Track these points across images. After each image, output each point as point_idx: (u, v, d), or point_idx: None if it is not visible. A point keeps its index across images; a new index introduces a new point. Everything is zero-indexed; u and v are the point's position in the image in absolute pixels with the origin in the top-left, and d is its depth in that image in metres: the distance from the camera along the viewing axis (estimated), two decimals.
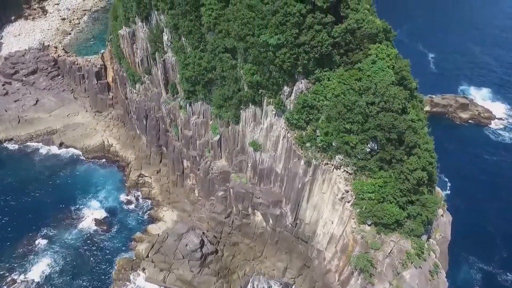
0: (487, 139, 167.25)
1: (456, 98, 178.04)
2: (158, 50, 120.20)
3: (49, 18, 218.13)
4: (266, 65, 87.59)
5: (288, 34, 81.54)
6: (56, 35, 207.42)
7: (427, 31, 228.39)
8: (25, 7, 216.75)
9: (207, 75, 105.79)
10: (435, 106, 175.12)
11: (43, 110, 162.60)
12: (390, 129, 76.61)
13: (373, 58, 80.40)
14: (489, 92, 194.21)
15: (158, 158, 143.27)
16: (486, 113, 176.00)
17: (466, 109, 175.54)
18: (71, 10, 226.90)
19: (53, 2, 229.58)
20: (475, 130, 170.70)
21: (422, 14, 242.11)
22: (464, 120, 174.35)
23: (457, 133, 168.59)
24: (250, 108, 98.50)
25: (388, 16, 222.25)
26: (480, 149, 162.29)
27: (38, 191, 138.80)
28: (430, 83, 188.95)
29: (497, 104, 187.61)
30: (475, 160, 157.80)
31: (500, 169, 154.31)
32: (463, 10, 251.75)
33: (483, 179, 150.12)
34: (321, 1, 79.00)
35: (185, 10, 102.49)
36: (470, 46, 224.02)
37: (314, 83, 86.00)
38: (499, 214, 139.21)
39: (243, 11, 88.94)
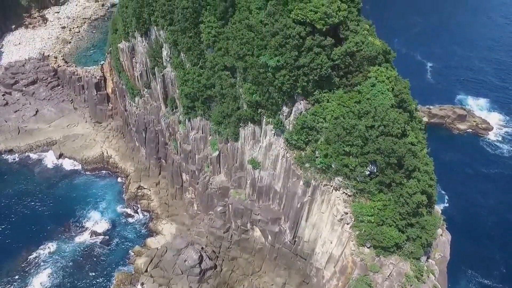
0: (485, 151, 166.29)
1: (453, 109, 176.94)
2: (157, 65, 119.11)
3: (49, 26, 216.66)
4: (266, 86, 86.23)
5: (288, 56, 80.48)
6: (56, 43, 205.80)
7: (425, 40, 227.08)
8: (25, 16, 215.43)
9: (206, 91, 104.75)
10: (433, 117, 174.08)
11: (43, 121, 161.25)
12: (390, 154, 75.48)
13: (372, 81, 79.30)
14: (487, 102, 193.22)
15: (157, 170, 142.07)
16: (483, 124, 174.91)
17: (463, 120, 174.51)
18: (71, 18, 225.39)
19: (53, 11, 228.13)
20: (473, 141, 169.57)
21: (419, 23, 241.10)
22: (461, 131, 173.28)
23: (454, 144, 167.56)
24: (249, 127, 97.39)
25: (386, 25, 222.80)
26: (478, 161, 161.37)
27: (37, 203, 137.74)
28: (428, 93, 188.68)
29: (494, 115, 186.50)
30: (473, 172, 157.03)
31: (497, 182, 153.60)
32: (460, 18, 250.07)
33: (480, 192, 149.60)
34: (321, 24, 77.84)
35: (184, 27, 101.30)
36: (467, 55, 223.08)
37: (313, 104, 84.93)
38: (496, 227, 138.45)
39: (243, 31, 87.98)
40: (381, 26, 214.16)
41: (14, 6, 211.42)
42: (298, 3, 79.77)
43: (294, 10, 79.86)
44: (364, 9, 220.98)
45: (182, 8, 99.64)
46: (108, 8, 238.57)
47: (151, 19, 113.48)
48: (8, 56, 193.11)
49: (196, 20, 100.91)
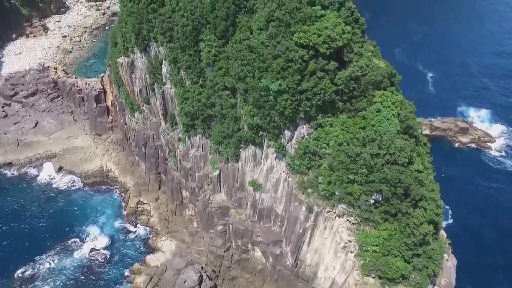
0: (487, 166, 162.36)
1: (455, 122, 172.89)
2: (157, 81, 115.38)
3: (50, 35, 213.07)
4: (267, 109, 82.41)
5: (290, 80, 76.76)
6: (57, 53, 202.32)
7: (426, 49, 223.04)
8: (26, 25, 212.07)
9: (206, 111, 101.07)
10: (435, 130, 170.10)
11: (42, 133, 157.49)
12: (396, 184, 71.64)
13: (377, 106, 75.51)
14: (488, 114, 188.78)
15: (157, 185, 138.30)
16: (486, 137, 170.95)
17: (466, 133, 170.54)
18: (71, 27, 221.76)
19: (54, 20, 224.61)
20: (475, 155, 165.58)
21: (420, 31, 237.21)
22: (464, 144, 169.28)
23: (457, 158, 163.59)
24: (250, 148, 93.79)
25: (386, 34, 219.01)
26: (480, 176, 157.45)
27: (36, 218, 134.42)
28: (430, 105, 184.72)
29: (496, 127, 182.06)
30: (476, 187, 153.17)
31: (500, 198, 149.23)
32: (461, 27, 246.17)
33: (484, 208, 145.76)
34: (324, 48, 73.96)
35: (184, 44, 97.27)
36: (468, 64, 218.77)
37: (316, 128, 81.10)
38: (499, 244, 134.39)
39: (243, 52, 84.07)
40: (382, 35, 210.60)
41: (15, 15, 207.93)
42: (301, 25, 75.96)
43: (296, 32, 75.90)
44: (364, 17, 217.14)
45: (182, 25, 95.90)
46: (109, 17, 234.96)
47: (151, 35, 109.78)
48: (8, 66, 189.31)
49: (196, 38, 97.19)
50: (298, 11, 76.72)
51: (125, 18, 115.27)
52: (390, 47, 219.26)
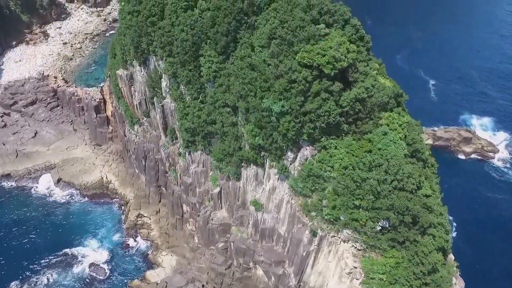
0: (491, 176, 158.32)
1: (459, 131, 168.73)
2: (156, 95, 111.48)
3: (50, 42, 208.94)
4: (269, 130, 78.33)
5: (293, 101, 72.91)
6: (58, 60, 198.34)
7: (427, 55, 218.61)
8: (27, 32, 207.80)
9: (206, 127, 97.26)
10: (438, 140, 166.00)
11: (41, 143, 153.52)
12: (404, 212, 67.21)
13: (384, 129, 71.44)
14: (491, 122, 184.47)
15: (157, 197, 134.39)
16: (489, 147, 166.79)
17: (469, 142, 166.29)
18: (72, 33, 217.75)
19: (55, 26, 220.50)
20: (478, 166, 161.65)
21: (421, 38, 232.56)
22: (467, 153, 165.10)
23: (460, 168, 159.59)
24: (252, 168, 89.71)
25: (388, 40, 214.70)
26: (484, 187, 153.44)
27: (34, 232, 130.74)
28: (432, 113, 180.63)
29: (499, 135, 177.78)
30: (480, 198, 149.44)
31: (504, 209, 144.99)
32: (463, 33, 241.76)
33: (487, 219, 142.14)
34: (329, 68, 69.79)
35: (184, 59, 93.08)
36: (470, 71, 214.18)
37: (320, 150, 76.74)
38: (504, 257, 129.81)
39: (245, 70, 79.78)
40: (383, 42, 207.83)
41: (15, 22, 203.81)
42: (304, 44, 71.85)
43: (300, 52, 71.88)
44: (365, 24, 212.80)
45: (181, 40, 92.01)
46: (110, 23, 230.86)
47: (150, 49, 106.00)
48: (8, 74, 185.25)
49: (196, 53, 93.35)
50: (302, 30, 72.75)
51: (124, 30, 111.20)
52: (391, 54, 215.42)
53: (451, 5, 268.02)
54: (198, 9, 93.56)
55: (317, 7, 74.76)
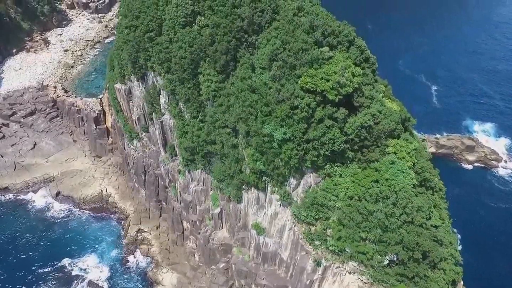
0: (494, 186, 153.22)
1: (462, 139, 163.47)
2: (155, 111, 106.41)
3: (51, 50, 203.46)
4: (271, 156, 72.92)
5: (295, 128, 67.75)
6: (58, 68, 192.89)
7: (429, 61, 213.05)
8: (27, 40, 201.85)
9: (206, 147, 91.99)
10: (441, 148, 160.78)
11: (40, 155, 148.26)
12: (414, 248, 61.90)
13: (391, 158, 66.50)
14: (493, 127, 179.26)
15: (157, 212, 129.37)
16: (492, 155, 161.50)
17: (472, 151, 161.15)
18: (73, 40, 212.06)
19: (56, 33, 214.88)
20: (482, 175, 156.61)
21: (424, 43, 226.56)
22: (470, 162, 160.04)
23: (463, 177, 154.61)
24: (253, 192, 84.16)
25: (390, 45, 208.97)
26: (488, 197, 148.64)
27: (32, 247, 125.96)
28: (435, 120, 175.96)
29: (501, 141, 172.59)
30: (484, 209, 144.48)
31: (509, 220, 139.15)
32: (464, 39, 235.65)
33: (492, 231, 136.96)
34: (333, 94, 64.66)
35: (183, 77, 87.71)
36: (472, 76, 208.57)
37: (324, 177, 71.33)
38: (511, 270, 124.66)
39: (245, 93, 74.29)
40: (385, 47, 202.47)
41: (15, 30, 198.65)
42: (307, 68, 66.41)
43: (302, 76, 66.33)
44: (366, 29, 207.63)
45: (180, 57, 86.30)
46: (111, 29, 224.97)
47: (148, 64, 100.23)
48: (8, 82, 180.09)
49: (195, 70, 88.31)
50: (304, 53, 67.30)
51: (121, 45, 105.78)
52: (393, 59, 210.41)
53: (454, 10, 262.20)
54: (197, 25, 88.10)
55: (321, 28, 69.56)
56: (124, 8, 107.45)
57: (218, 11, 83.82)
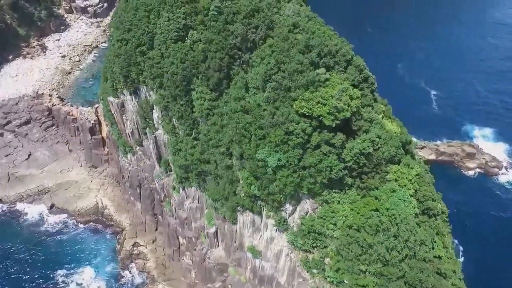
0: (495, 194, 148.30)
1: (462, 146, 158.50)
2: (148, 126, 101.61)
3: (48, 55, 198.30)
4: (265, 182, 67.85)
5: (290, 154, 62.51)
6: (55, 74, 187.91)
7: (429, 65, 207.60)
8: (24, 46, 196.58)
9: (200, 165, 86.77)
10: (441, 155, 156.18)
11: (35, 166, 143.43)
12: (417, 285, 56.92)
13: (392, 186, 61.75)
14: (492, 132, 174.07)
15: (153, 226, 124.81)
16: (493, 162, 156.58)
17: (472, 158, 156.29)
18: (71, 46, 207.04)
19: (54, 38, 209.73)
20: (483, 182, 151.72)
21: (423, 47, 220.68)
22: (471, 169, 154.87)
23: (464, 185, 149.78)
24: (248, 215, 79.08)
25: (389, 49, 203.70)
26: (489, 205, 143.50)
27: (25, 261, 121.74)
28: (434, 125, 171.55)
29: (501, 146, 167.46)
30: (485, 218, 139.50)
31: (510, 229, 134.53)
32: (464, 42, 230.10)
33: (495, 241, 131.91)
34: (330, 120, 59.64)
35: (175, 93, 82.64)
36: (471, 81, 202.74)
37: (321, 204, 66.25)
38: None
39: (238, 115, 69.18)
40: (385, 51, 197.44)
41: (11, 36, 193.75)
42: (302, 91, 61.33)
43: (298, 100, 61.23)
44: (366, 32, 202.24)
45: (172, 73, 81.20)
46: (110, 35, 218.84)
47: (140, 79, 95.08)
48: (4, 89, 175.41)
49: (188, 87, 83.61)
50: (299, 75, 62.00)
51: (113, 58, 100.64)
52: (392, 63, 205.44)
53: (453, 13, 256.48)
54: (190, 39, 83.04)
55: (317, 48, 64.56)
56: (116, 20, 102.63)
57: (210, 27, 78.61)
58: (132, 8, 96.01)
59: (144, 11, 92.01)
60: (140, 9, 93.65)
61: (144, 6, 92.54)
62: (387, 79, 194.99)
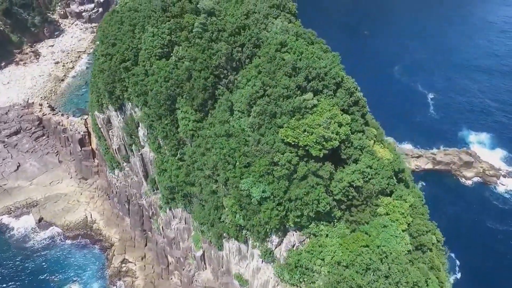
0: (493, 204, 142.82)
1: (459, 154, 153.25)
2: (134, 143, 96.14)
3: (41, 62, 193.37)
4: (250, 213, 62.51)
5: (275, 186, 56.75)
6: (48, 81, 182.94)
7: (425, 67, 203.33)
8: (16, 52, 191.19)
9: (185, 187, 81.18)
10: (438, 164, 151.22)
11: (24, 177, 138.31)
12: None
13: (383, 221, 56.58)
14: (489, 138, 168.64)
15: (143, 241, 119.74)
16: (491, 170, 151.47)
17: (470, 166, 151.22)
18: (65, 52, 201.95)
19: (47, 44, 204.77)
20: (481, 191, 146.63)
21: (419, 49, 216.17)
22: (469, 178, 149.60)
23: (462, 195, 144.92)
24: (234, 243, 73.63)
25: (386, 50, 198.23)
26: (487, 216, 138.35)
27: (12, 277, 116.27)
28: (431, 132, 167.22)
29: (497, 153, 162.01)
30: (484, 229, 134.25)
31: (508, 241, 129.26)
32: (461, 45, 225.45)
33: (492, 253, 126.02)
34: (317, 150, 54.22)
35: (159, 113, 77.24)
36: (467, 84, 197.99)
37: (309, 236, 60.90)
38: None
39: (222, 140, 63.88)
40: (382, 52, 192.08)
41: (4, 42, 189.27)
42: (288, 118, 55.72)
43: (283, 128, 55.61)
44: (362, 34, 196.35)
45: (156, 92, 75.63)
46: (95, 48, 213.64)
47: (125, 95, 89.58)
48: None
49: (172, 106, 77.59)
50: (285, 101, 56.50)
51: (97, 73, 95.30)
52: (389, 66, 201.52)
53: (451, 16, 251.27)
54: (175, 56, 77.72)
55: (304, 71, 59.00)
56: (100, 34, 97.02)
57: (195, 44, 73.25)
58: (117, 21, 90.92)
59: (129, 25, 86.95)
60: (125, 23, 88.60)
61: (129, 20, 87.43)
62: (384, 82, 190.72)
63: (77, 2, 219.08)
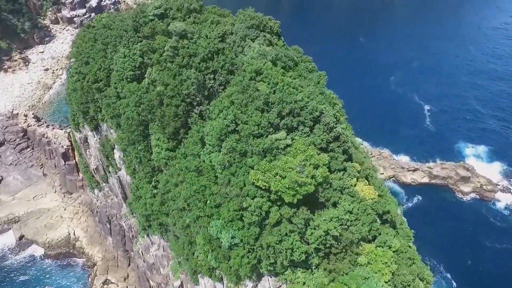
0: (490, 222, 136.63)
1: (456, 168, 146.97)
2: (111, 164, 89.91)
3: (31, 69, 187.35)
4: (221, 257, 56.39)
5: (245, 233, 50.60)
6: (36, 89, 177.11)
7: (422, 78, 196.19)
8: (5, 59, 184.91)
9: (160, 216, 74.99)
10: (434, 178, 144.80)
11: (6, 192, 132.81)
12: None
13: (364, 272, 49.65)
14: (486, 151, 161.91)
15: (126, 261, 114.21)
16: (488, 186, 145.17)
17: (467, 181, 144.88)
18: (55, 58, 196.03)
19: (38, 50, 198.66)
20: (478, 207, 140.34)
21: (416, 58, 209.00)
22: (466, 193, 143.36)
23: (459, 210, 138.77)
24: (209, 281, 67.52)
25: (382, 60, 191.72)
26: (485, 233, 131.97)
27: None
28: (427, 144, 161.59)
29: (495, 167, 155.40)
30: (481, 246, 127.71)
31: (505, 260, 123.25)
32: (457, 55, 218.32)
33: (490, 275, 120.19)
34: (290, 195, 47.93)
35: (132, 138, 71.14)
36: (465, 95, 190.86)
37: (285, 282, 54.58)
38: None
39: (192, 175, 57.67)
40: (377, 61, 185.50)
41: None
42: (259, 159, 49.39)
43: (253, 170, 49.34)
44: (358, 42, 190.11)
45: (127, 117, 69.58)
46: None
47: (99, 116, 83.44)
48: None
49: (145, 131, 71.14)
50: (256, 140, 50.25)
51: (70, 92, 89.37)
52: (385, 75, 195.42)
53: (448, 24, 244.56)
54: (148, 78, 71.63)
55: (277, 106, 52.67)
56: (75, 49, 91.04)
57: (166, 68, 67.06)
58: (90, 38, 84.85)
59: (102, 44, 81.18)
60: (98, 40, 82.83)
61: (102, 38, 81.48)
62: (380, 93, 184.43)
63: (68, 8, 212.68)
